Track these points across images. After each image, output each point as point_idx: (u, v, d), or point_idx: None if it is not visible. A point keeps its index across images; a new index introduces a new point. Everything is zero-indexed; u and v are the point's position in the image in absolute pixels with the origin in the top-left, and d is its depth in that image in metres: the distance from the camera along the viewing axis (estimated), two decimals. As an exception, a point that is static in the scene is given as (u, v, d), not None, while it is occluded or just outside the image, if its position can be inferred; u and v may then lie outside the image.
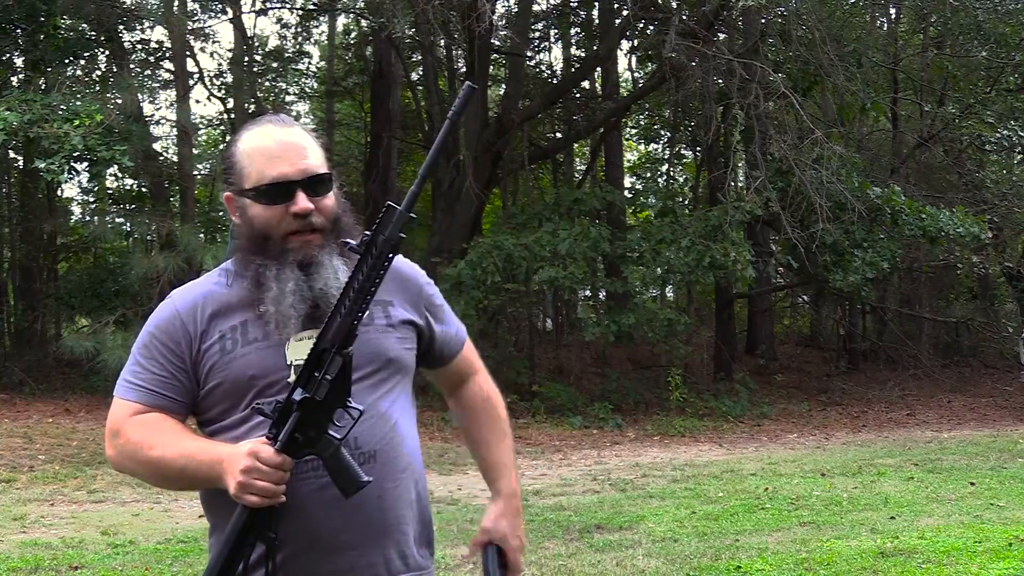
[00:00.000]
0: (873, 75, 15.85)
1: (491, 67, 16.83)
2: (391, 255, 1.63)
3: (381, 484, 1.76)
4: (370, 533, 1.76)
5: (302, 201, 1.75)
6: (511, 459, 2.02)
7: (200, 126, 20.15)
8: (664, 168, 22.79)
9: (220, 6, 16.16)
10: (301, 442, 1.65)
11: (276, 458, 1.62)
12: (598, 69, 18.30)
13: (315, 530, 1.72)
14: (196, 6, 15.98)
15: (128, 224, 14.43)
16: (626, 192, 18.33)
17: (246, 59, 16.93)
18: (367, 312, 1.80)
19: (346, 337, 1.64)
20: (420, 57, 17.52)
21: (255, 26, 24.99)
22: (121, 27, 14.31)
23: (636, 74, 20.79)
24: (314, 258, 1.75)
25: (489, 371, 2.15)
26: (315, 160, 1.80)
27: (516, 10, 16.33)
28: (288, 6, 17.95)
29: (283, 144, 1.79)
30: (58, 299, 14.99)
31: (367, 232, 1.64)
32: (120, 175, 15.74)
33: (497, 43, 15.93)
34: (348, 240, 1.68)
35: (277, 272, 1.75)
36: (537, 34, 19.15)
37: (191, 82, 15.88)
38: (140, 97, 15.13)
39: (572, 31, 20.02)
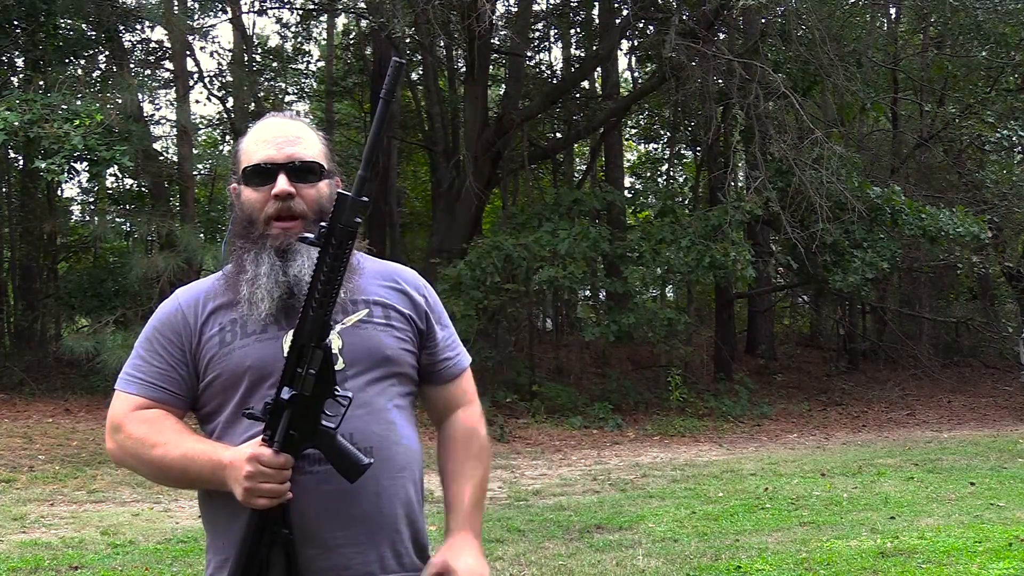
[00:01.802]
0: (873, 75, 15.85)
1: (491, 67, 16.83)
2: (351, 241, 1.65)
3: (378, 480, 1.76)
4: (366, 530, 1.76)
5: (281, 183, 1.78)
6: (473, 497, 1.92)
7: (200, 126, 20.15)
8: (664, 168, 22.80)
9: (220, 6, 16.16)
10: (297, 438, 1.66)
11: (277, 459, 1.64)
12: (598, 69, 18.31)
13: (311, 526, 1.72)
14: (196, 6, 15.98)
15: (128, 224, 14.41)
16: (626, 192, 18.33)
17: (246, 59, 16.93)
18: (366, 311, 1.81)
19: (322, 330, 1.66)
20: (420, 57, 17.51)
21: (254, 26, 25.03)
22: (121, 27, 14.30)
23: (636, 74, 20.81)
24: (291, 245, 1.77)
25: (489, 371, 2.14)
26: (307, 150, 1.84)
27: (516, 10, 16.33)
28: (288, 6, 17.95)
29: (277, 132, 1.84)
30: (58, 299, 14.99)
31: (322, 224, 1.65)
32: (120, 175, 15.74)
33: (497, 43, 15.93)
34: (306, 234, 1.68)
35: (255, 255, 1.78)
36: (537, 34, 19.15)
37: (191, 82, 15.87)
38: (140, 97, 15.13)
39: (572, 31, 20.02)
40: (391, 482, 1.79)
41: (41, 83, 12.37)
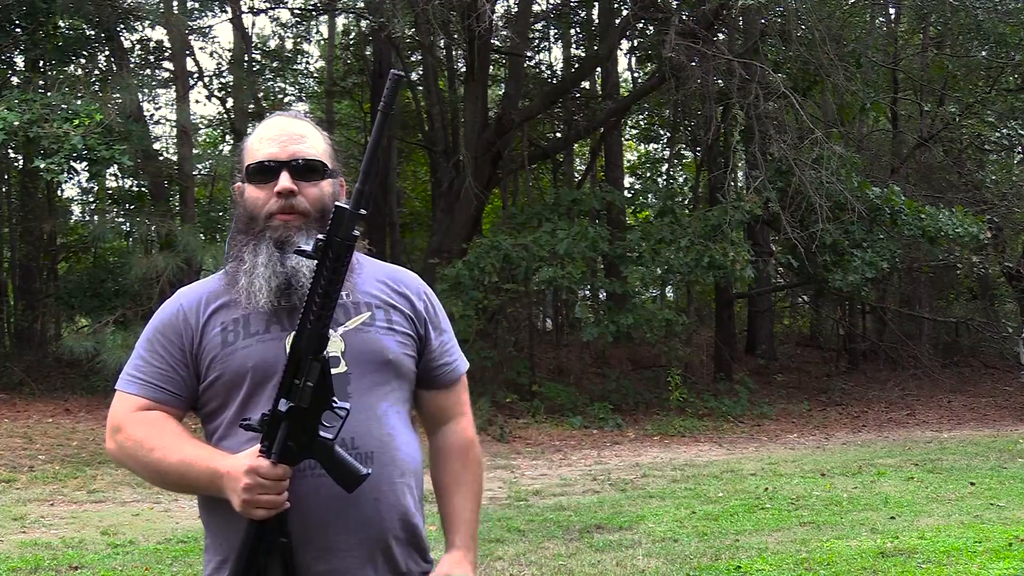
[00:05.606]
0: (873, 75, 15.86)
1: (491, 67, 16.82)
2: (348, 255, 1.65)
3: (378, 486, 1.75)
4: (364, 535, 1.76)
5: (283, 180, 1.78)
6: (472, 513, 1.94)
7: (200, 126, 20.14)
8: (664, 168, 22.79)
9: (220, 5, 16.16)
10: (295, 449, 1.66)
11: (275, 470, 1.64)
12: (598, 69, 18.30)
13: (311, 530, 1.72)
14: (196, 5, 15.98)
15: (128, 224, 14.42)
16: (626, 192, 18.32)
17: (246, 59, 16.92)
18: (369, 314, 1.81)
19: (319, 343, 1.66)
20: (420, 57, 17.50)
21: (254, 26, 25.03)
22: (121, 27, 14.30)
23: (636, 74, 20.80)
24: (290, 238, 1.77)
25: (489, 371, 2.14)
26: (310, 149, 1.84)
27: (516, 10, 16.33)
28: (288, 6, 17.95)
29: (281, 130, 1.84)
30: (58, 299, 14.99)
31: (319, 237, 1.65)
32: (120, 175, 15.74)
33: (497, 43, 15.92)
34: (302, 247, 1.68)
35: (254, 246, 1.79)
36: (537, 34, 19.14)
37: (191, 82, 15.87)
38: (140, 97, 15.12)
39: (572, 31, 20.02)
40: (391, 488, 1.79)
41: (41, 83, 12.38)
